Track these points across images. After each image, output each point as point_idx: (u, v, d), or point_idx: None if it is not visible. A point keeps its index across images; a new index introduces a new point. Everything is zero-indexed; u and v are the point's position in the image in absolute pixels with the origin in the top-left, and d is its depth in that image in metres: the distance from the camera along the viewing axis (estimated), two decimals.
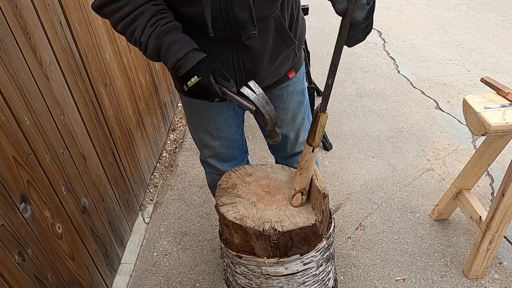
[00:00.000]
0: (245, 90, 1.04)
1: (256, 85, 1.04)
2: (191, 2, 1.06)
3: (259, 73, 1.25)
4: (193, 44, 1.07)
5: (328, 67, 1.05)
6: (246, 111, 1.27)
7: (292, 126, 1.49)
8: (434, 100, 3.01)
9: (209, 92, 1.05)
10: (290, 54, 1.28)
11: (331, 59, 1.03)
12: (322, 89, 3.16)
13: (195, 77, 1.03)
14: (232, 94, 1.05)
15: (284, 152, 1.62)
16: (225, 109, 1.38)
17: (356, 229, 2.06)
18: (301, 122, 1.52)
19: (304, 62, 1.46)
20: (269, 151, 1.79)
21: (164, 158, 2.67)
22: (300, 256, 1.04)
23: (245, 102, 1.03)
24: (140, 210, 2.24)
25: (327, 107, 1.13)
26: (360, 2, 0.92)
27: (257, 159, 2.59)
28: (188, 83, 1.04)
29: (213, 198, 1.74)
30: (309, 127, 1.21)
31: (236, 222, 1.03)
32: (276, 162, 1.70)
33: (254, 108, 1.03)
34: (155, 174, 2.51)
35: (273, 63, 1.26)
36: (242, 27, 1.11)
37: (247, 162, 1.71)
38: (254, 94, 1.03)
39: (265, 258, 1.04)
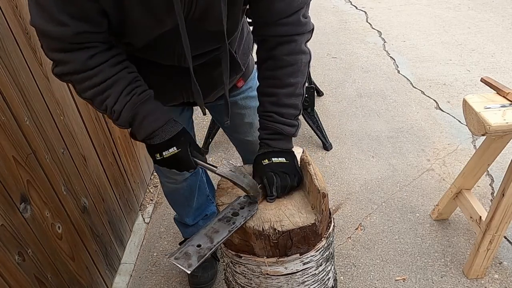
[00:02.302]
0: (220, 171, 1.03)
1: (230, 162, 1.05)
2: (152, 48, 1.06)
3: (209, 94, 1.28)
4: (170, 114, 1.06)
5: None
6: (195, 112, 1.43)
7: (250, 131, 1.47)
8: (434, 100, 3.01)
9: (185, 163, 1.05)
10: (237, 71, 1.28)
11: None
12: (322, 89, 3.17)
13: (174, 148, 1.02)
14: (209, 166, 1.06)
15: (250, 156, 1.61)
16: (175, 114, 1.37)
17: (356, 229, 2.06)
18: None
19: (254, 69, 1.43)
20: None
21: None
22: (300, 255, 1.04)
23: (222, 174, 1.04)
24: (140, 210, 2.24)
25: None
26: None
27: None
28: (165, 153, 1.03)
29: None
30: None
31: None
32: (244, 163, 1.69)
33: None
34: (155, 174, 2.51)
35: (222, 85, 1.27)
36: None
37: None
38: (230, 172, 1.03)
39: (265, 257, 1.04)
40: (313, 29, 1.10)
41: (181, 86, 1.20)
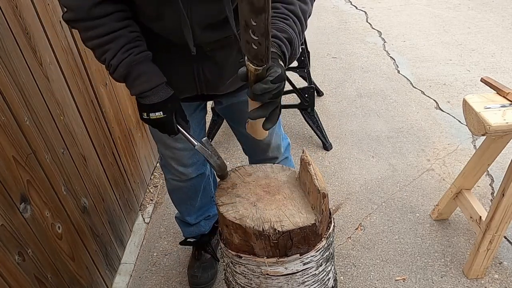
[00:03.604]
0: (198, 147, 1.11)
1: (209, 142, 1.13)
2: (161, 17, 1.07)
3: (219, 84, 1.27)
4: (162, 77, 1.09)
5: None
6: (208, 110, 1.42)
7: None
8: (434, 100, 3.01)
9: (168, 128, 1.12)
10: None
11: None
12: (322, 89, 3.17)
13: (160, 112, 1.08)
14: (189, 138, 1.13)
15: (256, 156, 1.62)
16: (188, 112, 1.39)
17: (356, 229, 2.06)
18: (272, 128, 1.50)
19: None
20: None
21: None
22: (300, 256, 1.04)
23: (199, 150, 1.12)
24: (140, 210, 2.24)
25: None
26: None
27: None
28: (152, 115, 1.09)
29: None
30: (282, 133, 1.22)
31: (236, 222, 1.03)
32: (250, 162, 1.70)
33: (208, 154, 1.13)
34: (155, 174, 2.51)
35: (232, 76, 1.28)
36: (202, 45, 1.13)
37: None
38: (207, 151, 1.11)
39: (265, 258, 1.04)
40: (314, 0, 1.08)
41: (193, 73, 1.21)
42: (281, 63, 0.93)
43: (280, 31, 0.98)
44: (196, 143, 1.11)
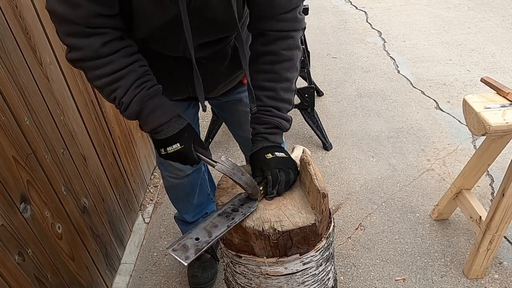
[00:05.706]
0: (218, 167, 1.03)
1: (228, 159, 1.05)
2: (163, 41, 1.09)
3: (210, 90, 1.28)
4: (175, 110, 1.08)
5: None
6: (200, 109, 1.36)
7: None
8: (434, 100, 3.01)
9: (188, 159, 1.07)
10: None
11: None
12: (322, 89, 3.17)
13: (178, 144, 1.04)
14: (209, 161, 1.07)
15: None
16: (181, 109, 1.39)
17: (356, 229, 2.06)
18: None
19: None
20: None
21: None
22: (300, 255, 1.04)
23: (220, 171, 1.04)
24: (140, 210, 2.24)
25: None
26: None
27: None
28: (169, 148, 1.05)
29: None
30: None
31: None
32: (247, 162, 1.70)
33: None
34: (155, 174, 2.51)
35: (227, 80, 1.30)
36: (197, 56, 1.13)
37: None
38: (228, 168, 1.03)
39: (265, 257, 1.04)
40: (305, 28, 1.14)
41: (186, 78, 1.21)
42: (282, 153, 1.11)
43: (271, 126, 1.13)
44: (216, 163, 1.04)
